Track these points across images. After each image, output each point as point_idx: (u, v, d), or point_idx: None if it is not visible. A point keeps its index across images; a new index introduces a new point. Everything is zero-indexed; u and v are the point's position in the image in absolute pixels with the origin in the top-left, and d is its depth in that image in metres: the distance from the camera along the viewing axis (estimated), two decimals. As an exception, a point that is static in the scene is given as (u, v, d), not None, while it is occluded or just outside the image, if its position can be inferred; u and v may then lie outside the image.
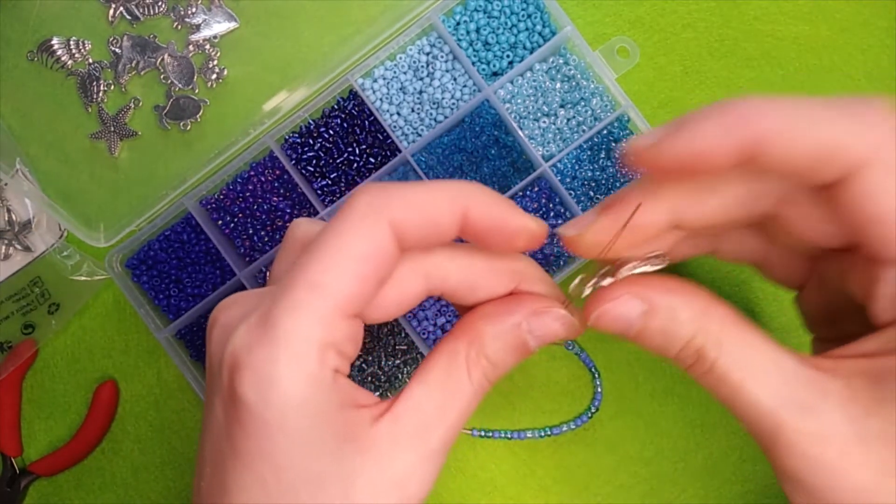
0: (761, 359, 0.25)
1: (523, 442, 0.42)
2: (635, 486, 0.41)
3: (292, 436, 0.23)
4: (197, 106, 0.43)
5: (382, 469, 0.24)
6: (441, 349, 0.26)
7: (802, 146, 0.23)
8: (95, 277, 0.43)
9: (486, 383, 0.26)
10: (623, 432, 0.41)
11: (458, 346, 0.26)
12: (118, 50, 0.42)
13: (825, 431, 0.23)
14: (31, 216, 0.44)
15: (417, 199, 0.24)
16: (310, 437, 0.23)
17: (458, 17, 0.42)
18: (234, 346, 0.23)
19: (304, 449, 0.23)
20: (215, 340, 0.25)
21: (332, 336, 0.23)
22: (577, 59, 0.41)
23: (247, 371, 0.23)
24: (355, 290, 0.23)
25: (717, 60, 0.43)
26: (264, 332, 0.23)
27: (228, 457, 0.23)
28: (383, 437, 0.24)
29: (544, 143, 0.41)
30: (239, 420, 0.23)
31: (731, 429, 0.41)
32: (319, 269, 0.23)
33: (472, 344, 0.26)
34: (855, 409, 0.23)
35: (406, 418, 0.25)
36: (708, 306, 0.26)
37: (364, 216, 0.24)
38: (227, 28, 0.42)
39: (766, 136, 0.23)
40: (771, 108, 0.23)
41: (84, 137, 0.43)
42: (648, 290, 0.26)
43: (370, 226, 0.24)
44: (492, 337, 0.26)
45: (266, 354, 0.22)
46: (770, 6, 0.43)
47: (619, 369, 0.42)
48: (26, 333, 0.44)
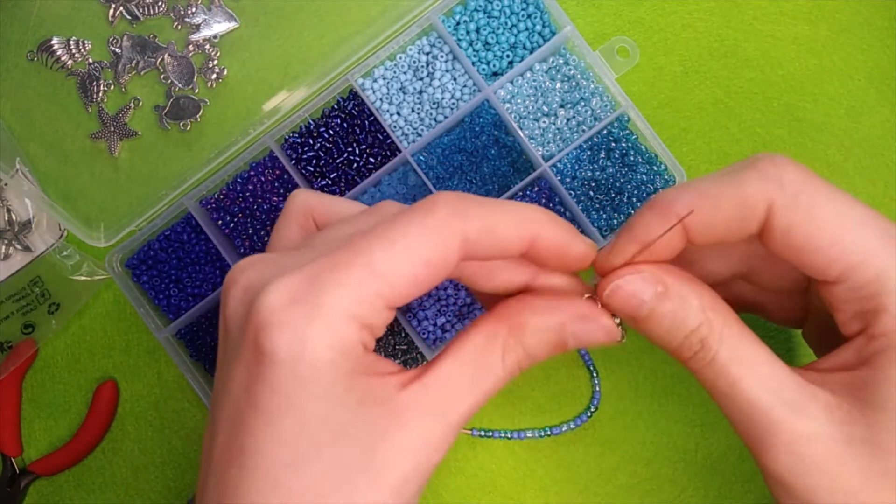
0: (759, 358, 0.26)
1: (523, 442, 0.42)
2: (635, 486, 0.41)
3: (319, 391, 0.23)
4: (197, 106, 0.43)
5: (407, 433, 0.24)
6: (479, 328, 0.27)
7: (712, 215, 0.26)
8: (95, 277, 0.43)
9: (516, 370, 0.27)
10: (623, 432, 0.41)
11: (498, 329, 0.26)
12: (118, 50, 0.42)
13: (814, 431, 0.25)
14: (31, 216, 0.44)
15: (494, 220, 0.25)
16: (336, 395, 0.23)
17: (458, 17, 0.42)
18: (267, 302, 0.23)
19: (329, 405, 0.23)
20: (235, 302, 0.25)
21: (372, 319, 0.24)
22: (577, 59, 0.41)
23: (281, 326, 0.23)
24: (407, 288, 0.24)
25: (717, 60, 0.43)
26: (307, 295, 0.23)
27: (248, 415, 0.23)
28: (412, 403, 0.24)
29: (544, 143, 0.41)
30: (263, 376, 0.23)
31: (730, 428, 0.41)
32: (385, 258, 0.23)
33: (513, 331, 0.27)
34: (840, 414, 0.25)
35: (435, 389, 0.25)
36: (716, 301, 0.27)
37: (443, 225, 0.24)
38: (227, 28, 0.42)
39: (684, 218, 0.27)
40: (682, 193, 0.27)
41: (84, 137, 0.43)
42: (665, 273, 0.28)
43: (445, 237, 0.24)
44: (534, 329, 0.27)
45: (304, 315, 0.23)
46: (770, 6, 0.43)
47: (619, 369, 0.42)
48: (26, 333, 0.44)
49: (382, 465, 0.24)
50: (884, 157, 0.42)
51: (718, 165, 0.42)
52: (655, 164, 0.41)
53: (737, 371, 0.26)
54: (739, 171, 0.26)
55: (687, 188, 0.27)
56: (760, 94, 0.43)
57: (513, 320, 0.27)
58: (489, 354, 0.26)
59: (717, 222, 0.27)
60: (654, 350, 0.42)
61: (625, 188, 0.41)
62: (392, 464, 0.24)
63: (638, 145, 0.41)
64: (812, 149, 0.42)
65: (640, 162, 0.41)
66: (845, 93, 0.42)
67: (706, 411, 0.41)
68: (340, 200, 0.30)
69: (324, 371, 0.23)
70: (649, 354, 0.42)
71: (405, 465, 0.24)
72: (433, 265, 0.24)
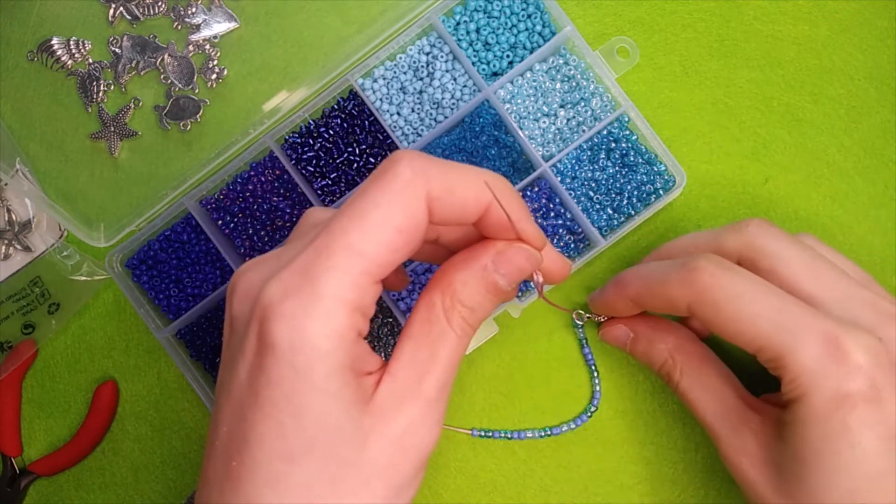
0: (709, 388, 0.35)
1: (523, 442, 0.42)
2: (635, 486, 0.41)
3: (315, 384, 0.24)
4: (197, 106, 0.43)
5: (390, 426, 0.25)
6: (419, 303, 0.28)
7: (652, 302, 0.35)
8: (95, 277, 0.43)
9: (467, 328, 0.28)
10: (623, 432, 0.41)
11: (433, 297, 0.27)
12: (118, 50, 0.42)
13: (744, 448, 0.33)
14: (31, 216, 0.44)
15: (454, 179, 0.26)
16: (330, 389, 0.24)
17: (458, 18, 0.42)
18: (266, 298, 0.24)
19: (324, 398, 0.24)
20: (239, 301, 0.26)
21: (362, 300, 0.25)
22: (576, 60, 0.41)
23: (280, 319, 0.24)
24: (389, 258, 0.25)
25: (717, 60, 0.43)
26: (301, 287, 0.24)
27: (249, 408, 0.24)
28: (385, 396, 0.25)
29: (544, 143, 0.41)
30: (264, 367, 0.24)
31: (730, 429, 0.41)
32: (360, 236, 0.24)
33: (445, 292, 0.27)
34: (765, 437, 0.32)
35: (402, 375, 0.26)
36: (680, 344, 0.36)
37: (405, 187, 0.25)
38: (227, 28, 0.42)
39: (633, 299, 0.36)
40: (632, 281, 0.36)
41: (84, 137, 0.43)
42: (638, 324, 0.38)
43: (410, 199, 0.25)
44: (462, 283, 0.27)
45: (301, 306, 0.24)
46: (770, 6, 0.43)
47: (619, 369, 0.42)
48: (26, 333, 0.44)
49: (371, 460, 0.25)
50: (884, 157, 0.42)
51: (718, 165, 0.42)
52: (655, 165, 0.41)
53: (693, 397, 0.35)
54: (670, 273, 0.33)
55: (635, 276, 0.35)
56: (760, 94, 0.43)
57: (442, 282, 0.28)
58: (435, 323, 0.27)
59: (657, 307, 0.34)
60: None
61: (625, 188, 0.41)
62: (380, 458, 0.25)
63: (638, 145, 0.41)
64: (812, 149, 0.42)
65: (640, 162, 0.41)
66: (845, 93, 0.42)
67: (706, 411, 0.41)
68: None
69: (321, 363, 0.24)
70: (649, 354, 0.42)
71: (392, 453, 0.25)
72: (407, 230, 0.25)
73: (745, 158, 0.42)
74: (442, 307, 0.27)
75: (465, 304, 0.27)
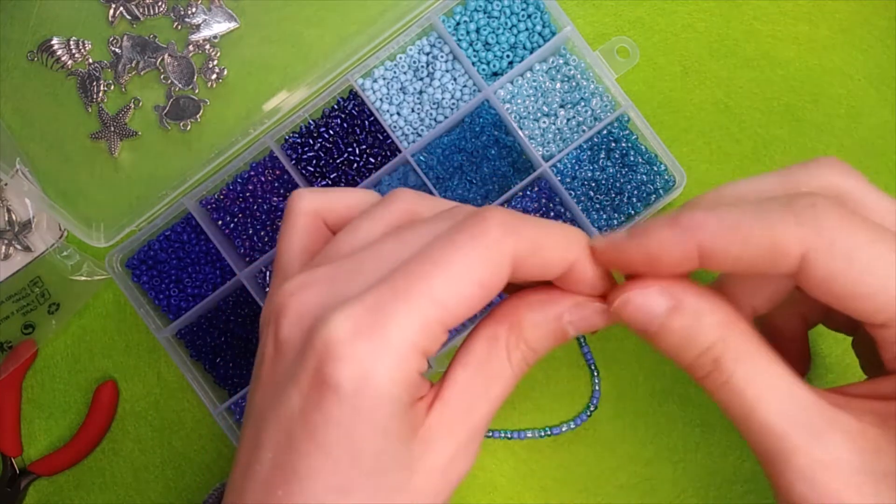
0: (777, 381, 0.25)
1: (523, 442, 0.42)
2: (635, 486, 0.41)
3: (378, 425, 0.23)
4: (197, 106, 0.43)
5: (438, 454, 0.25)
6: (480, 334, 0.27)
7: (740, 250, 0.25)
8: (95, 277, 0.43)
9: (524, 366, 0.27)
10: (623, 432, 0.41)
11: (498, 331, 0.27)
12: (118, 50, 0.42)
13: (833, 460, 0.24)
14: (31, 216, 0.44)
15: (544, 240, 0.25)
16: (393, 429, 0.24)
17: (458, 18, 0.42)
18: (330, 334, 0.23)
19: (384, 439, 0.24)
20: (290, 324, 0.25)
21: (432, 346, 0.24)
22: (577, 60, 0.41)
23: (349, 360, 0.23)
24: (465, 311, 0.24)
25: (717, 60, 0.43)
26: (372, 327, 0.23)
27: (303, 441, 0.24)
28: (436, 423, 0.25)
29: (544, 143, 0.41)
30: (323, 406, 0.23)
31: (730, 428, 0.41)
32: (444, 286, 0.24)
33: (513, 330, 0.27)
34: (864, 443, 0.24)
35: (454, 403, 0.26)
36: (733, 319, 0.26)
37: (494, 244, 0.24)
38: (227, 28, 0.42)
39: (706, 247, 0.25)
40: (710, 220, 0.25)
41: (84, 137, 0.43)
42: (678, 287, 0.26)
43: (497, 257, 0.24)
44: (533, 325, 0.27)
45: (371, 350, 0.23)
46: (770, 6, 0.43)
47: (620, 369, 0.42)
48: (26, 333, 0.44)
49: (419, 487, 0.25)
50: (884, 157, 0.42)
51: (718, 166, 0.42)
52: (655, 165, 0.41)
53: (752, 394, 0.25)
54: (774, 210, 0.25)
55: (716, 216, 0.25)
56: (760, 94, 0.43)
57: (510, 319, 0.27)
58: (495, 358, 0.26)
59: (743, 259, 0.25)
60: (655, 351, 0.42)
61: (625, 188, 0.41)
62: (426, 485, 0.25)
63: (638, 145, 0.41)
64: (812, 149, 0.42)
65: (640, 162, 0.41)
66: (845, 93, 0.42)
67: (706, 411, 0.41)
68: (347, 192, 0.30)
69: (385, 407, 0.23)
70: (649, 355, 0.42)
71: (437, 482, 0.25)
72: (486, 287, 0.24)
73: (746, 158, 0.42)
74: (506, 344, 0.27)
75: (530, 345, 0.27)
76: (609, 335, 0.42)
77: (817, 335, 0.42)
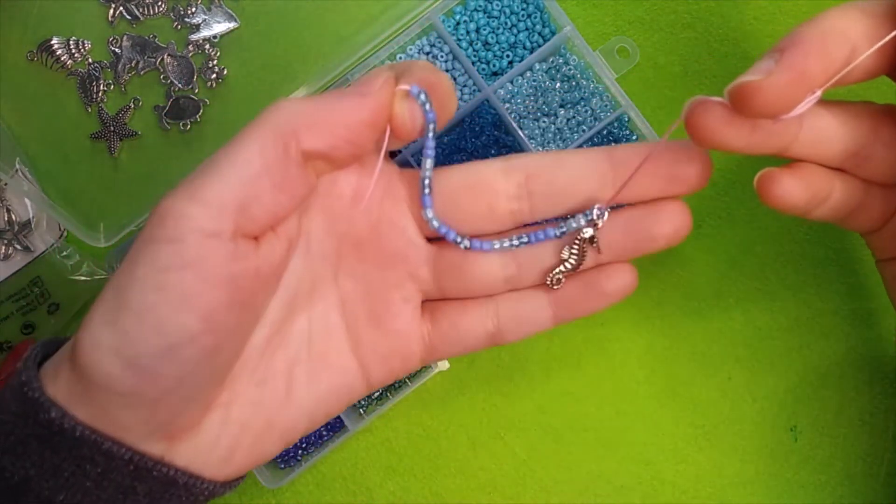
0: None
1: (524, 442, 0.41)
2: (636, 488, 0.41)
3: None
4: (197, 106, 0.43)
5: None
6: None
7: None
8: (95, 277, 0.43)
9: None
10: (624, 433, 0.41)
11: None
12: (118, 50, 0.42)
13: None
14: (30, 216, 0.44)
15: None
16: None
17: (457, 17, 0.42)
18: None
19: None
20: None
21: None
22: (577, 59, 0.41)
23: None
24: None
25: (718, 60, 0.43)
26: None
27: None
28: None
29: (544, 143, 0.41)
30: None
31: (733, 430, 0.41)
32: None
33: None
34: None
35: None
36: None
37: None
38: (227, 28, 0.42)
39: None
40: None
41: (84, 137, 0.43)
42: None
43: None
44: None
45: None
46: (770, 6, 0.43)
47: (621, 369, 0.42)
48: (26, 333, 0.44)
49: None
50: (885, 156, 0.42)
51: (718, 166, 0.42)
52: (656, 164, 0.41)
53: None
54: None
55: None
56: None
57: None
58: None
59: None
60: (656, 350, 0.41)
61: (625, 188, 0.41)
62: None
63: (638, 145, 0.41)
64: (813, 149, 0.42)
65: (641, 162, 0.41)
66: (846, 92, 0.42)
67: (708, 413, 0.41)
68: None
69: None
70: (651, 354, 0.42)
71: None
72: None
73: (746, 158, 0.42)
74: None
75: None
76: (610, 336, 0.42)
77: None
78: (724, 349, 0.41)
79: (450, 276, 0.33)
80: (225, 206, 0.26)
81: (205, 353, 0.26)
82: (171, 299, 0.25)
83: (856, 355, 0.41)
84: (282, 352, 0.31)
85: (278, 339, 0.31)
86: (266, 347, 0.31)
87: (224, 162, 0.26)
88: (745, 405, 0.41)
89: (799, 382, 0.41)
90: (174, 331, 0.25)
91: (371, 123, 0.28)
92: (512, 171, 0.32)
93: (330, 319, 0.33)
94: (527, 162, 0.32)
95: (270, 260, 0.28)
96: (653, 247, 0.32)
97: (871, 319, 0.41)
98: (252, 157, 0.26)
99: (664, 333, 0.41)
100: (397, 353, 0.33)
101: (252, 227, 0.27)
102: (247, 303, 0.27)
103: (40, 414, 0.26)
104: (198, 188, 0.26)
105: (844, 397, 0.41)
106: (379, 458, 0.42)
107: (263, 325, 0.30)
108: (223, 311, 0.26)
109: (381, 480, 0.42)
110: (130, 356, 0.25)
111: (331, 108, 0.27)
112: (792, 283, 0.41)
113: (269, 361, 0.31)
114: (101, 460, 0.26)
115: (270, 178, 0.26)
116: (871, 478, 0.40)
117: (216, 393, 0.29)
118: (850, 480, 0.40)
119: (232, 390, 0.30)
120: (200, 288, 0.25)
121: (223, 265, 0.26)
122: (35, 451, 0.26)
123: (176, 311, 0.25)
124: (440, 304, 0.34)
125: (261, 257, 0.27)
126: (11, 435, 0.26)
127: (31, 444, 0.26)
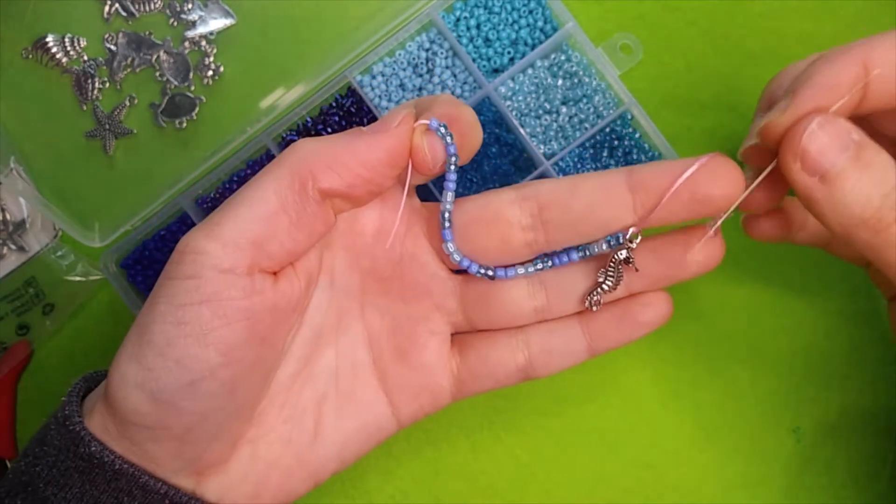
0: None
1: (525, 445, 0.41)
2: (638, 490, 0.40)
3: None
4: (193, 103, 0.42)
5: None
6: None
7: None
8: (90, 278, 0.43)
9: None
10: (626, 436, 0.41)
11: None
12: (113, 47, 0.42)
13: None
14: (25, 216, 0.43)
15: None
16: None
17: (458, 13, 0.41)
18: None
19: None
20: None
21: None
22: (579, 56, 0.41)
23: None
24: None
25: (721, 57, 0.42)
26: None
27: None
28: None
29: (546, 140, 0.41)
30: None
31: (736, 432, 0.41)
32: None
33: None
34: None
35: None
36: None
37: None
38: (224, 25, 0.42)
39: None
40: (881, 43, 0.26)
41: (79, 136, 0.42)
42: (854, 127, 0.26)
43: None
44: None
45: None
46: (774, 3, 0.42)
47: (623, 372, 0.41)
48: (21, 335, 0.44)
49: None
50: (891, 155, 0.42)
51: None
52: (659, 163, 0.40)
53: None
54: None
55: (875, 38, 0.25)
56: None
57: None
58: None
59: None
60: (660, 352, 0.41)
61: (627, 187, 0.40)
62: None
63: (641, 143, 0.41)
64: (818, 147, 0.42)
65: (643, 160, 0.40)
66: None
67: (711, 415, 0.41)
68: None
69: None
70: (654, 356, 0.41)
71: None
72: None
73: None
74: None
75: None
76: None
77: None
78: (728, 351, 0.41)
79: (477, 307, 0.33)
80: (240, 242, 0.26)
81: (225, 388, 0.27)
82: (191, 333, 0.26)
83: (859, 356, 0.41)
84: (309, 388, 0.31)
85: (305, 375, 0.31)
86: (293, 384, 0.31)
87: (241, 200, 0.27)
88: (748, 406, 0.41)
89: (802, 384, 0.41)
90: (194, 364, 0.26)
91: (389, 162, 0.28)
92: (525, 201, 0.31)
93: (357, 354, 0.33)
94: (540, 189, 0.31)
95: (289, 295, 0.28)
96: (684, 275, 0.31)
97: (874, 320, 0.41)
98: (268, 195, 0.27)
99: (667, 335, 0.41)
100: (426, 388, 0.33)
101: (269, 263, 0.27)
102: (266, 337, 0.28)
103: (80, 447, 0.27)
104: (215, 226, 0.27)
105: (848, 399, 0.41)
106: (378, 461, 0.41)
107: (290, 360, 0.31)
108: (242, 346, 0.26)
109: (381, 484, 0.41)
110: (154, 390, 0.26)
111: (348, 148, 0.28)
112: (795, 284, 0.41)
113: (296, 398, 0.31)
114: (139, 493, 0.27)
115: (287, 216, 0.27)
116: (875, 479, 0.40)
117: (243, 429, 0.29)
118: (854, 482, 0.40)
119: (260, 427, 0.30)
120: (218, 322, 0.26)
121: (240, 300, 0.26)
122: (76, 484, 0.27)
123: (195, 345, 0.26)
124: (469, 337, 0.34)
125: (279, 292, 0.28)
126: (54, 467, 0.27)
127: (73, 476, 0.27)
